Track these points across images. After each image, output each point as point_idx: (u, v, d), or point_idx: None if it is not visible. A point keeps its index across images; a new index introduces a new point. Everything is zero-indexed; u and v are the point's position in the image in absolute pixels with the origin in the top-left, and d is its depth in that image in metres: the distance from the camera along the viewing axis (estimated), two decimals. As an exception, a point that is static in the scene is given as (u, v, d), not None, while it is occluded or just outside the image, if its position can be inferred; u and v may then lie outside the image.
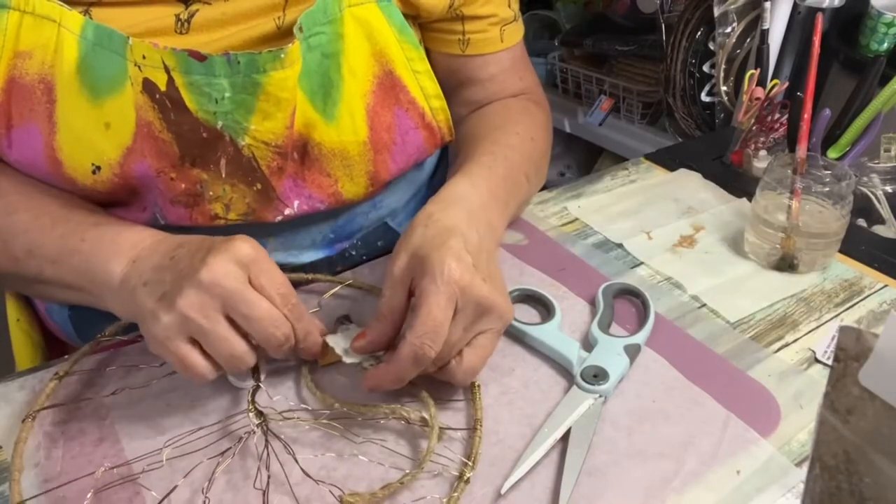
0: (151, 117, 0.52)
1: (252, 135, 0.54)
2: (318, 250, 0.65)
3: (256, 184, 0.57)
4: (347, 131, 0.58)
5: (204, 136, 0.53)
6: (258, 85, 0.52)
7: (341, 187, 0.60)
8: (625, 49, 1.44)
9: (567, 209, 0.75)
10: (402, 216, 0.70)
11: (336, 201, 0.61)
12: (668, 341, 0.57)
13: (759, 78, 0.83)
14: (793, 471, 0.46)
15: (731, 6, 1.14)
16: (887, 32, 0.97)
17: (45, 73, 0.51)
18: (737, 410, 0.50)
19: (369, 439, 0.48)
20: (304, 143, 0.58)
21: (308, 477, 0.45)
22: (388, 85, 0.60)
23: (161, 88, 0.51)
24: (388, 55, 0.59)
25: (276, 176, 0.57)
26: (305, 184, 0.59)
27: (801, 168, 0.66)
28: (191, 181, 0.55)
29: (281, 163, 0.57)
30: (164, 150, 0.53)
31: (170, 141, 0.53)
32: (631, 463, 0.47)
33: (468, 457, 0.46)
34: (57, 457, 0.48)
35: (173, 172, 0.54)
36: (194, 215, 0.57)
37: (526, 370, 0.55)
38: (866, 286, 0.64)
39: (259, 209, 0.58)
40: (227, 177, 0.56)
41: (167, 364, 0.52)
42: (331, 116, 0.57)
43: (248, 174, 0.56)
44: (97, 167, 0.53)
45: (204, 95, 0.52)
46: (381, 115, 0.60)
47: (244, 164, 0.55)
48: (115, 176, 0.54)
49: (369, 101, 0.59)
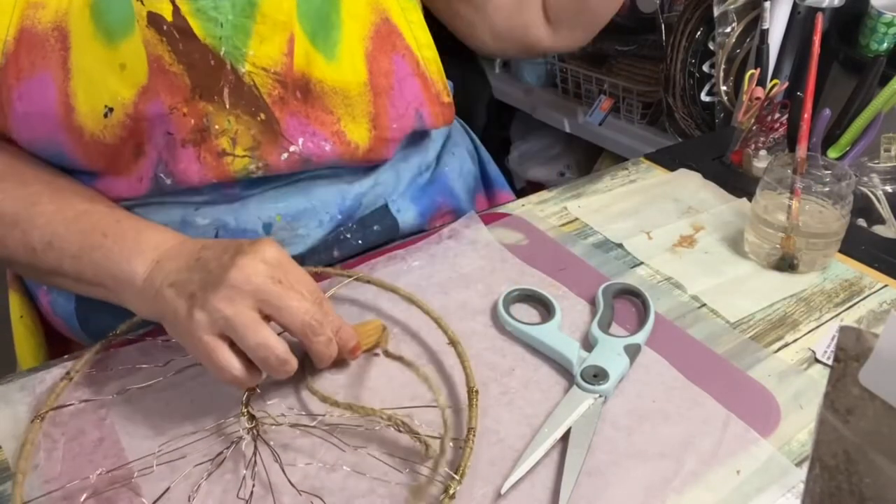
0: (161, 51, 0.53)
1: (251, 61, 0.56)
2: (322, 229, 0.66)
3: (260, 114, 0.58)
4: (347, 71, 0.60)
5: (212, 63, 0.55)
6: (254, 5, 0.54)
7: (343, 126, 0.61)
8: (625, 49, 1.44)
9: (567, 209, 0.75)
10: (401, 201, 0.71)
11: (341, 142, 0.61)
12: (668, 341, 0.57)
13: (758, 78, 0.83)
14: (793, 471, 0.46)
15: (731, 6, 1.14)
16: (887, 32, 0.97)
17: (60, 21, 0.52)
18: (737, 410, 0.50)
19: (360, 447, 0.48)
20: (305, 82, 0.59)
21: (292, 486, 0.44)
22: (385, 31, 0.62)
23: (167, 19, 0.52)
24: (383, 4, 0.62)
25: (278, 107, 0.58)
26: (309, 121, 0.60)
27: (801, 168, 0.66)
28: (199, 115, 0.56)
29: (282, 92, 0.58)
30: (176, 84, 0.54)
31: (181, 73, 0.54)
32: (631, 463, 0.47)
33: (456, 470, 0.45)
34: (57, 457, 0.48)
35: (185, 107, 0.55)
36: (202, 154, 0.57)
37: (526, 370, 0.55)
38: (866, 286, 0.64)
39: (265, 143, 0.59)
40: (231, 108, 0.57)
41: (168, 364, 0.53)
42: (331, 56, 0.59)
43: (250, 104, 0.57)
44: (110, 109, 0.54)
45: (211, 20, 0.53)
46: (379, 60, 0.62)
47: (246, 93, 0.57)
48: (127, 118, 0.54)
49: (368, 46, 0.61)
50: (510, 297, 0.60)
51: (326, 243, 0.66)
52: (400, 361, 0.53)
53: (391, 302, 0.61)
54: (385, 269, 0.65)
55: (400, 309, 0.60)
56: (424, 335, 0.58)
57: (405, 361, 0.53)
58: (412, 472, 0.46)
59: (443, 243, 0.69)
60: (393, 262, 0.66)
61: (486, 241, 0.69)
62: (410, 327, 0.58)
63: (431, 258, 0.67)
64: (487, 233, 0.70)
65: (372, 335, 0.56)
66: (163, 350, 0.56)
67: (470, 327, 0.58)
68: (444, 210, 0.75)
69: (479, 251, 0.68)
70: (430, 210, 0.73)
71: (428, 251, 0.68)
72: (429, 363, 0.55)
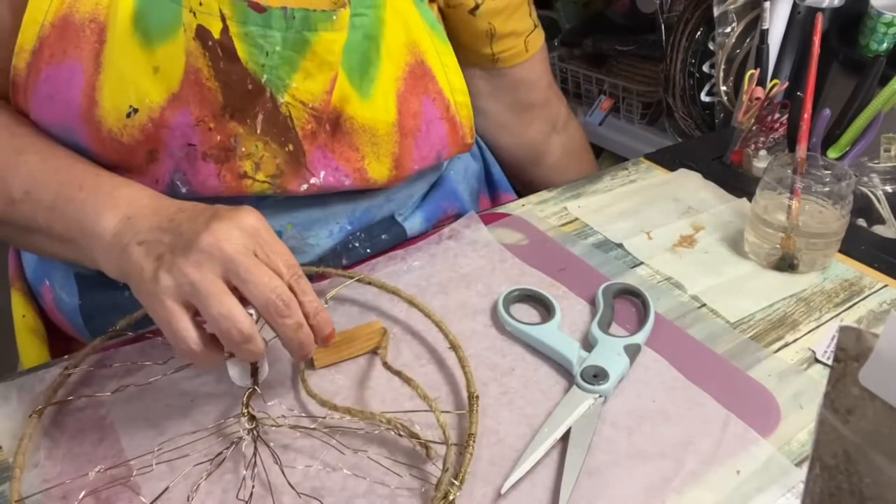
0: (201, 64, 0.53)
1: (292, 93, 0.56)
2: (332, 239, 0.66)
3: (289, 144, 0.58)
4: (380, 110, 0.60)
5: (249, 87, 0.55)
6: (307, 43, 0.54)
7: (367, 164, 0.61)
8: (624, 49, 1.44)
9: (567, 209, 0.75)
10: (409, 212, 0.71)
11: (361, 178, 0.62)
12: (668, 341, 0.57)
13: (758, 78, 0.83)
14: (793, 471, 0.46)
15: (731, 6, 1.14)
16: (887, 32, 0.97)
17: (98, 14, 0.52)
18: (737, 410, 0.51)
19: (360, 450, 0.48)
20: (337, 116, 0.59)
21: (292, 488, 0.44)
22: (419, 73, 0.62)
23: (215, 36, 0.52)
24: (420, 46, 0.62)
25: (308, 140, 0.58)
26: (334, 155, 0.60)
27: (801, 168, 0.66)
28: (226, 134, 0.56)
29: (315, 127, 0.58)
30: (208, 98, 0.55)
31: (215, 89, 0.54)
32: (631, 463, 0.47)
33: (456, 476, 0.44)
34: (57, 457, 0.48)
35: (212, 122, 0.55)
36: (223, 172, 0.57)
37: (526, 370, 0.55)
38: (866, 286, 0.64)
39: (287, 173, 0.59)
40: (262, 133, 0.57)
41: (168, 363, 0.53)
42: (366, 94, 0.59)
43: (282, 133, 0.57)
44: (134, 109, 0.54)
45: (256, 47, 0.53)
46: (410, 102, 0.62)
47: (280, 122, 0.57)
48: (150, 121, 0.54)
49: (400, 87, 0.61)
50: (510, 297, 0.60)
51: (335, 252, 0.66)
52: (399, 376, 0.52)
53: (392, 302, 0.61)
54: (385, 269, 0.65)
55: (400, 309, 0.60)
56: (425, 336, 0.58)
57: (404, 377, 0.51)
58: (411, 476, 0.46)
59: (443, 243, 0.69)
60: (393, 262, 0.66)
61: (486, 241, 0.69)
62: (411, 328, 0.58)
63: (431, 258, 0.67)
64: (487, 233, 0.70)
65: (373, 337, 0.56)
66: (163, 349, 0.56)
67: (470, 327, 0.58)
68: (449, 213, 0.75)
69: (479, 251, 0.68)
70: (436, 215, 0.74)
71: (428, 251, 0.68)
72: (430, 363, 0.55)
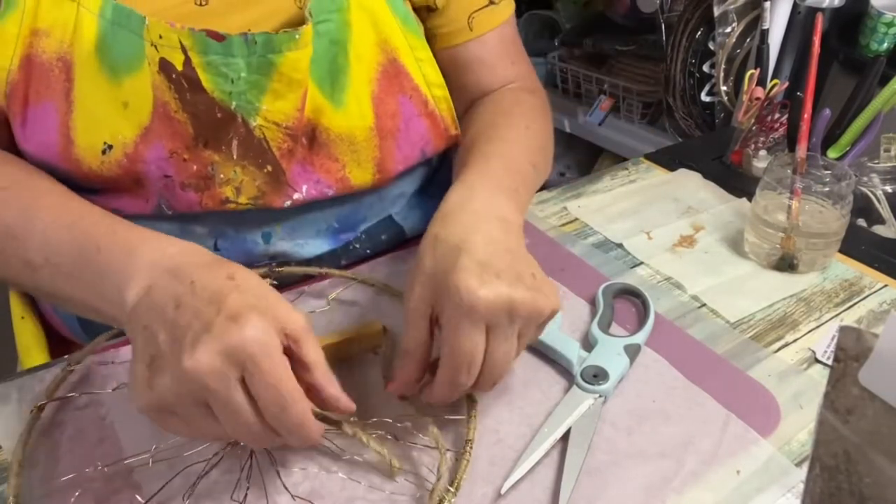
0: (167, 97, 0.53)
1: (264, 115, 0.55)
2: (324, 241, 0.65)
3: (267, 166, 0.57)
4: (354, 116, 0.59)
5: (218, 116, 0.54)
6: (272, 65, 0.53)
7: (349, 172, 0.61)
8: (625, 49, 1.44)
9: (567, 209, 0.75)
10: (406, 211, 0.70)
11: (344, 187, 0.61)
12: (668, 341, 0.57)
13: (759, 78, 0.83)
14: (793, 471, 0.46)
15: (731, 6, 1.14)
16: (887, 32, 0.97)
17: (64, 52, 0.52)
18: (737, 410, 0.51)
19: (356, 455, 0.47)
20: (312, 129, 0.59)
21: (287, 490, 0.44)
22: (393, 73, 0.61)
23: (178, 68, 0.52)
24: (391, 43, 0.60)
25: (286, 159, 0.58)
26: (314, 168, 0.60)
27: (801, 168, 0.66)
28: (202, 163, 0.56)
29: (291, 145, 0.57)
30: (179, 131, 0.54)
31: (184, 121, 0.54)
32: (631, 463, 0.47)
33: (451, 482, 0.44)
34: (57, 457, 0.48)
35: (186, 153, 0.55)
36: (204, 200, 0.57)
37: (526, 370, 0.55)
38: (866, 286, 0.64)
39: (269, 192, 0.58)
40: (239, 158, 0.56)
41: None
42: (339, 102, 0.59)
43: (258, 156, 0.57)
44: (109, 146, 0.54)
45: (221, 75, 0.53)
46: (386, 103, 0.61)
47: (255, 145, 0.56)
48: (125, 157, 0.54)
49: (374, 89, 0.60)
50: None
51: (334, 253, 0.66)
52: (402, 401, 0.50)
53: (391, 302, 0.61)
54: (386, 270, 0.65)
55: (399, 309, 0.60)
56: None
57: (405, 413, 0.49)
58: (407, 481, 0.46)
59: (443, 243, 0.69)
60: (394, 263, 0.66)
61: (486, 241, 0.69)
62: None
63: (431, 258, 0.67)
64: (487, 233, 0.70)
65: (373, 337, 0.56)
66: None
67: (470, 327, 0.58)
68: None
69: (479, 251, 0.68)
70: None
71: (428, 251, 0.68)
72: None
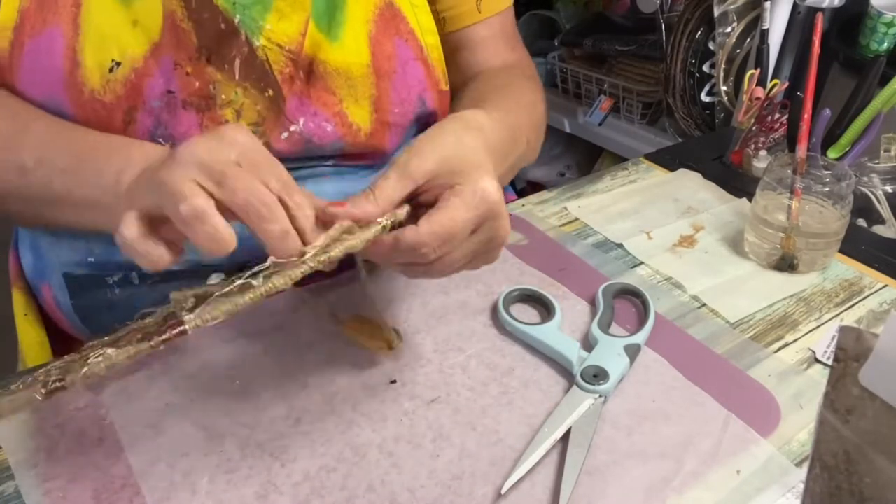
0: (174, 6, 0.54)
1: (267, 35, 0.56)
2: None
3: (268, 90, 0.58)
4: (351, 52, 0.60)
5: (222, 27, 0.55)
6: None
7: (345, 108, 0.61)
8: (625, 49, 1.44)
9: (567, 209, 0.75)
10: None
11: (342, 123, 0.61)
12: (668, 341, 0.57)
13: (759, 78, 0.83)
14: (793, 471, 0.46)
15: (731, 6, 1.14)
16: (887, 32, 0.97)
17: None
18: (737, 410, 0.51)
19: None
20: (310, 62, 0.59)
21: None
22: (389, 15, 0.62)
23: None
24: None
25: (287, 84, 0.58)
26: (311, 101, 0.60)
27: (801, 168, 0.66)
28: (204, 80, 0.56)
29: (293, 71, 0.58)
30: (183, 41, 0.55)
31: (189, 30, 0.55)
32: (631, 463, 0.47)
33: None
34: (57, 457, 0.48)
35: (189, 66, 0.56)
36: (205, 122, 0.57)
37: (526, 370, 0.55)
38: (866, 286, 0.64)
39: (269, 119, 0.59)
40: (241, 79, 0.57)
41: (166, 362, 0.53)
42: (335, 37, 0.59)
43: (261, 78, 0.57)
44: (117, 63, 0.54)
45: None
46: (383, 44, 0.62)
47: (258, 66, 0.57)
48: (133, 72, 0.55)
49: (371, 29, 0.61)
50: (510, 297, 0.60)
51: None
52: None
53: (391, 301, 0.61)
54: (387, 270, 0.65)
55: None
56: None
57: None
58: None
59: (443, 243, 0.69)
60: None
61: (486, 241, 0.69)
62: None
63: (431, 258, 0.67)
64: (487, 233, 0.70)
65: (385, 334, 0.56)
66: (162, 349, 0.56)
67: (470, 327, 0.58)
68: None
69: (479, 251, 0.68)
70: None
71: (428, 251, 0.68)
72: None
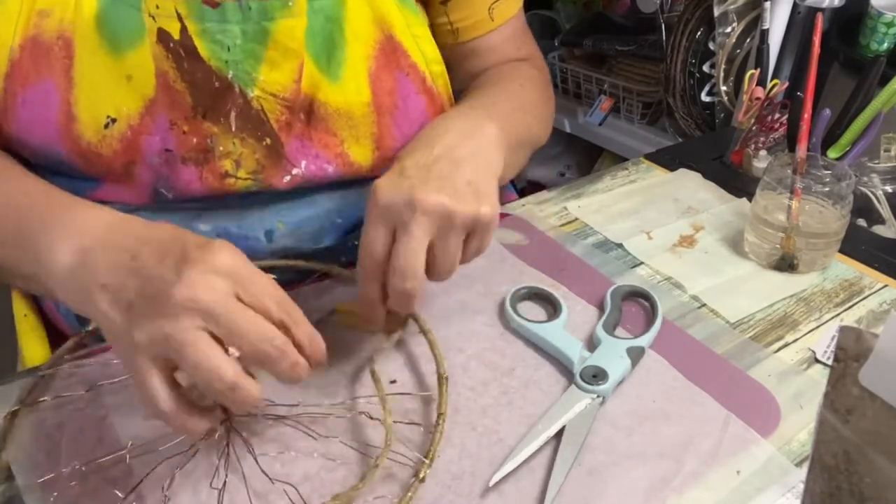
0: (167, 67, 0.54)
1: (261, 86, 0.56)
2: (327, 237, 0.65)
3: (266, 138, 0.58)
4: (351, 92, 0.60)
5: (216, 85, 0.55)
6: (267, 33, 0.54)
7: (347, 148, 0.61)
8: (625, 49, 1.43)
9: (567, 209, 0.75)
10: None
11: (343, 163, 0.61)
12: (668, 341, 0.57)
13: (759, 78, 0.83)
14: (793, 471, 0.46)
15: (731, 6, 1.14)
16: (887, 32, 0.97)
17: (64, 30, 0.53)
18: (737, 410, 0.51)
19: (331, 436, 0.48)
20: (309, 103, 0.59)
21: (265, 475, 0.45)
22: (389, 49, 0.62)
23: (174, 37, 0.53)
24: (388, 20, 0.61)
25: (284, 132, 0.58)
26: (312, 143, 0.60)
27: (801, 168, 0.66)
28: (201, 135, 0.56)
29: (289, 118, 0.58)
30: (178, 101, 0.55)
31: (183, 91, 0.54)
32: (631, 463, 0.47)
33: (426, 454, 0.45)
34: (57, 457, 0.48)
35: (185, 125, 0.56)
36: (204, 174, 0.57)
37: (526, 370, 0.55)
38: (866, 286, 0.64)
39: (268, 167, 0.59)
40: (237, 130, 0.57)
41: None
42: (335, 76, 0.59)
43: (257, 128, 0.57)
44: (112, 120, 0.54)
45: (216, 43, 0.54)
46: (383, 80, 0.61)
47: (253, 116, 0.57)
48: (129, 129, 0.55)
49: (371, 66, 0.61)
50: (518, 295, 0.60)
51: (333, 252, 0.66)
52: (375, 386, 0.50)
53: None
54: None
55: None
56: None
57: (379, 390, 0.50)
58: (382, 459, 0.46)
59: (443, 243, 0.69)
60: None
61: (486, 241, 0.69)
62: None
63: (431, 258, 0.67)
64: (487, 233, 0.70)
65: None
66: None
67: (470, 327, 0.58)
68: None
69: (479, 251, 0.68)
70: None
71: (428, 251, 0.68)
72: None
